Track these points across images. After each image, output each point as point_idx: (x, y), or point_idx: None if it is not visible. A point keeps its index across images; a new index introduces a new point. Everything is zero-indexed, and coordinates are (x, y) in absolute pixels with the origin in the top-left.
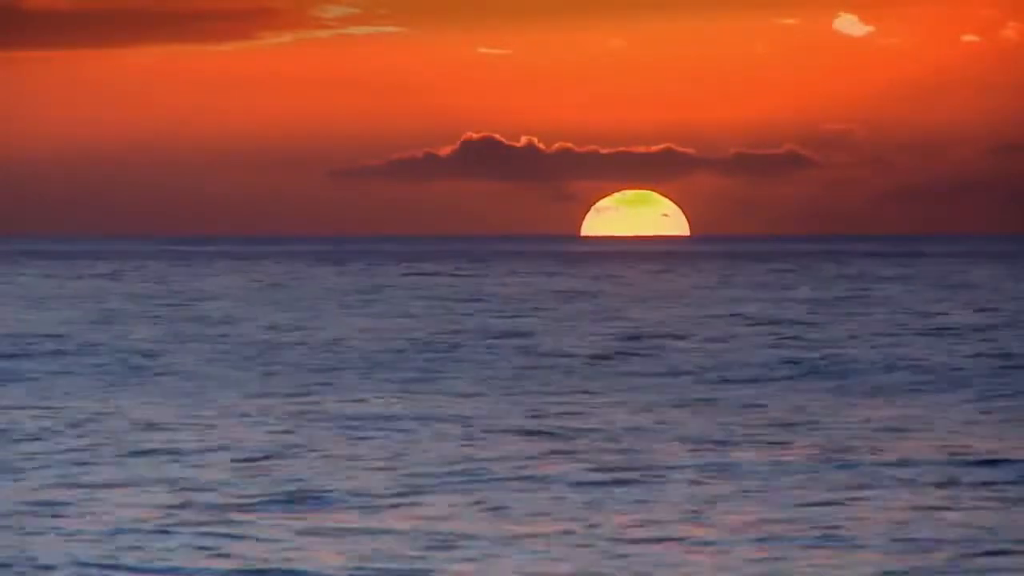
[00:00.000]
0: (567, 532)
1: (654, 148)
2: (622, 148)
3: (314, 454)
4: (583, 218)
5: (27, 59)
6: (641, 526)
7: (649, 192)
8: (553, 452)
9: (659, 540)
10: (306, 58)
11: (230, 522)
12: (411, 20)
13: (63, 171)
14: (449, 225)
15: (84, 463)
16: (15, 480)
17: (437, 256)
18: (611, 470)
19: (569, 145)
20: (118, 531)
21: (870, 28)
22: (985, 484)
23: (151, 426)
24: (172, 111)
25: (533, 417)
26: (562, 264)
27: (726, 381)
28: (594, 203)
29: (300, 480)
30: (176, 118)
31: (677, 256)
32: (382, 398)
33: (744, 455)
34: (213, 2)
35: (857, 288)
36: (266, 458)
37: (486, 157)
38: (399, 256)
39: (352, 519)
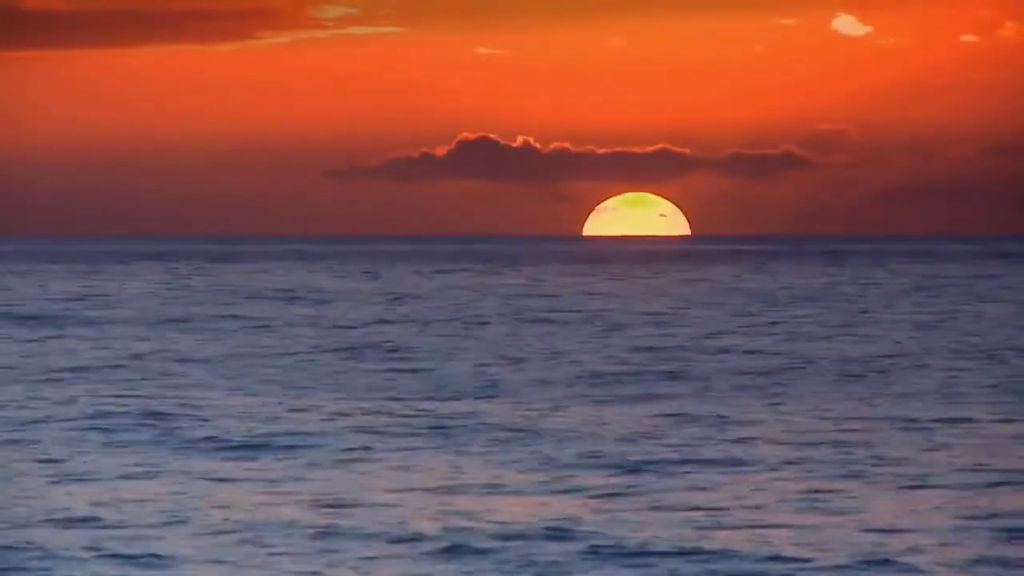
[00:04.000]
0: None
1: (650, 148)
2: (619, 148)
3: None
4: (580, 218)
5: (27, 59)
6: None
7: (648, 195)
8: None
9: None
10: (304, 58)
11: None
12: (409, 20)
13: (62, 171)
14: (446, 225)
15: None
16: None
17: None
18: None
19: (566, 145)
20: None
21: (868, 28)
22: None
23: None
24: (171, 111)
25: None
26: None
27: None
28: (591, 203)
29: None
30: (175, 118)
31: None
32: None
33: None
34: (212, 2)
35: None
36: None
37: (483, 157)
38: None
39: None
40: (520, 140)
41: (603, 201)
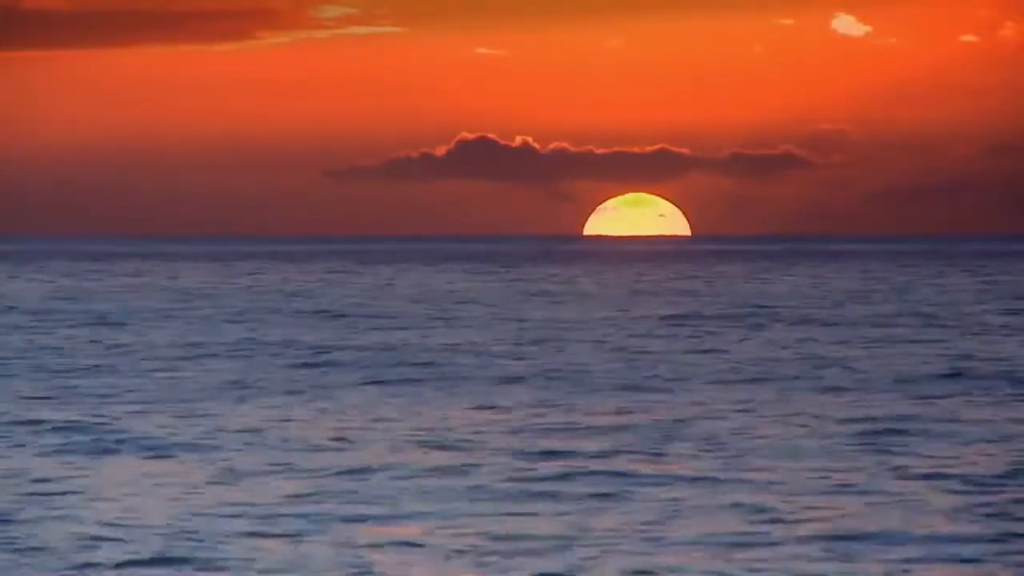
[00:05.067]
0: None
1: (650, 148)
2: (618, 148)
3: None
4: (580, 218)
5: (27, 59)
6: None
7: (649, 195)
8: None
9: None
10: (304, 58)
11: None
12: (409, 20)
13: (62, 171)
14: (445, 225)
15: None
16: None
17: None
18: None
19: (565, 145)
20: None
21: (867, 28)
22: None
23: None
24: (170, 111)
25: None
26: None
27: None
28: (590, 203)
29: None
30: (174, 118)
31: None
32: None
33: None
34: (212, 2)
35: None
36: None
37: (482, 157)
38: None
39: None
40: (519, 140)
41: (603, 201)
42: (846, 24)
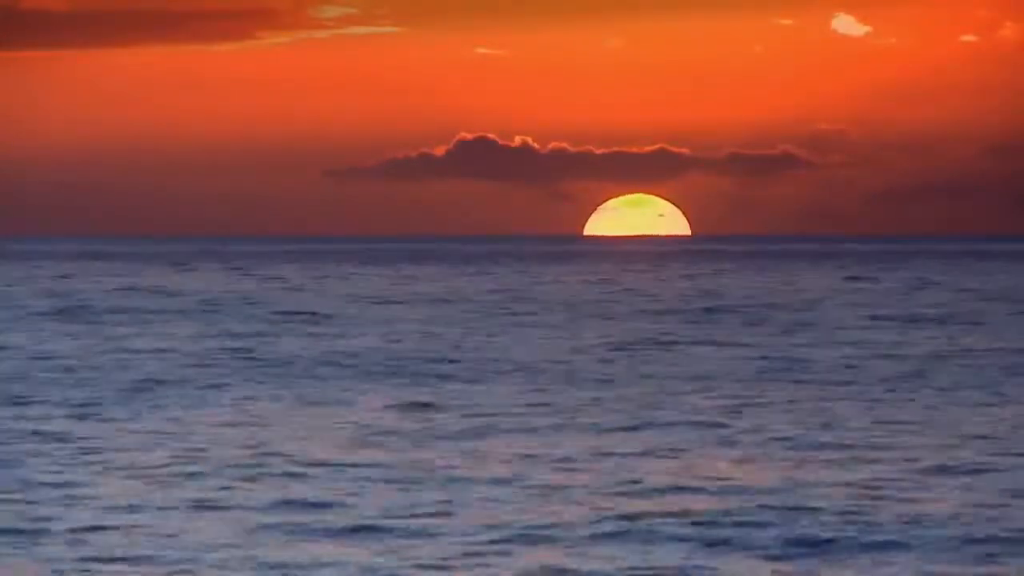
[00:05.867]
0: None
1: (649, 148)
2: (617, 148)
3: None
4: (579, 218)
5: (27, 59)
6: None
7: (649, 196)
8: None
9: None
10: (304, 58)
11: None
12: (409, 20)
13: (62, 171)
14: (445, 225)
15: None
16: None
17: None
18: None
19: (564, 145)
20: None
21: (867, 28)
22: None
23: None
24: (170, 111)
25: None
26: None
27: None
28: (590, 203)
29: None
30: (174, 118)
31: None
32: None
33: None
34: (212, 2)
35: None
36: None
37: (481, 157)
38: None
39: None
40: (519, 140)
41: (603, 201)
42: (846, 24)
